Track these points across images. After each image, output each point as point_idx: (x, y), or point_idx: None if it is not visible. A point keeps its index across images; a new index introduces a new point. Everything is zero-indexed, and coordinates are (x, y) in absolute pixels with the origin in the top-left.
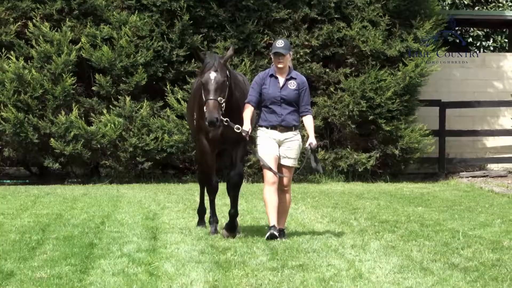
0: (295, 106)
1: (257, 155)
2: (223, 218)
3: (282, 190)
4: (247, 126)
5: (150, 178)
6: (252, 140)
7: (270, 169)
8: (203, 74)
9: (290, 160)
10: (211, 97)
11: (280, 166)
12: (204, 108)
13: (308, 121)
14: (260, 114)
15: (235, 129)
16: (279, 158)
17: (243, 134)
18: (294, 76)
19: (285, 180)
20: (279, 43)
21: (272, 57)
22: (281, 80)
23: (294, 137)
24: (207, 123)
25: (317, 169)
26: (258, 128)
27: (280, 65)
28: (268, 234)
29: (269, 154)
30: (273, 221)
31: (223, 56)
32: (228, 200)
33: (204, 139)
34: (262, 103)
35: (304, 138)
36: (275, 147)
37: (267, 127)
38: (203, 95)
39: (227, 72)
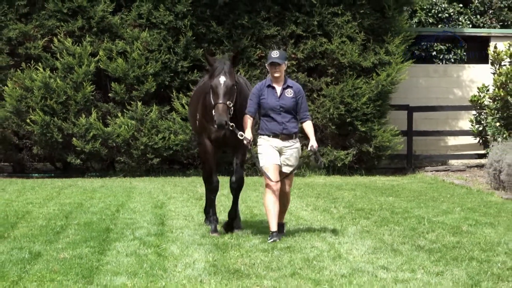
0: (294, 114)
1: (258, 164)
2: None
3: (283, 192)
4: (248, 134)
5: (158, 172)
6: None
7: (269, 178)
8: (212, 78)
9: (290, 167)
10: (220, 101)
11: (281, 173)
12: (213, 111)
13: (308, 126)
14: (260, 122)
15: (238, 136)
16: (280, 166)
17: (245, 142)
18: (290, 85)
19: (286, 187)
20: (275, 53)
21: (268, 67)
22: (278, 89)
23: (294, 145)
24: (216, 125)
25: (320, 166)
26: (260, 136)
27: (276, 74)
28: (270, 240)
29: (271, 164)
30: (273, 227)
31: (231, 59)
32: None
33: (206, 140)
34: (262, 112)
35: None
36: (276, 155)
37: (268, 136)
38: (211, 98)
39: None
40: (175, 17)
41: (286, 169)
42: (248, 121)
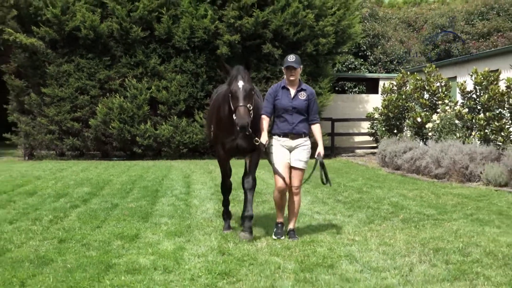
0: (305, 115)
1: (271, 162)
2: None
3: (292, 192)
4: (264, 138)
5: (186, 157)
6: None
7: (281, 175)
8: (231, 83)
9: (301, 162)
10: (241, 104)
11: (291, 169)
12: (234, 115)
13: (317, 129)
14: (273, 123)
15: (254, 141)
16: (290, 163)
17: (260, 146)
18: (304, 88)
19: (296, 182)
20: (291, 57)
21: (284, 71)
22: (292, 91)
23: (304, 142)
24: (238, 127)
25: (326, 183)
26: (272, 136)
27: (292, 78)
28: (277, 236)
29: (281, 162)
30: (280, 218)
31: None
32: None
33: (221, 149)
34: (275, 113)
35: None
36: (287, 155)
37: (279, 135)
38: (231, 103)
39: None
40: (196, 66)
41: (297, 164)
42: (264, 121)
